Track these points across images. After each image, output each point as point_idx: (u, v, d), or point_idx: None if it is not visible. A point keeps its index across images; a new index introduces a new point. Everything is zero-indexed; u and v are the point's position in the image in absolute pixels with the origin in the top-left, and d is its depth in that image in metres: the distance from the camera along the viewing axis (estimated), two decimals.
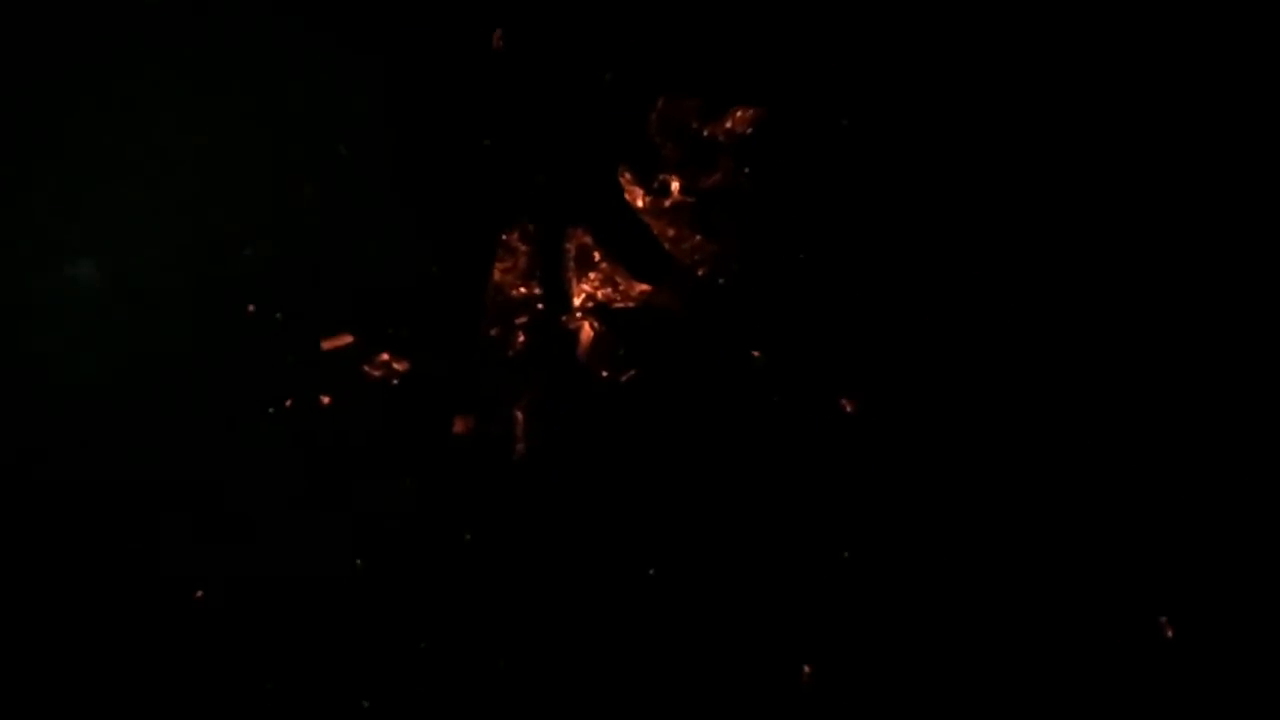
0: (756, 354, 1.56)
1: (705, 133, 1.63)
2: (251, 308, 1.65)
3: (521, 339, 1.60)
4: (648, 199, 1.61)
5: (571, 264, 1.60)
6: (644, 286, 1.59)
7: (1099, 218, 1.56)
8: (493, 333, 1.61)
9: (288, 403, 1.59)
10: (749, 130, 1.64)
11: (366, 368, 1.62)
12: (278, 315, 1.65)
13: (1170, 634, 1.37)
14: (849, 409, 1.52)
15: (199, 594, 1.49)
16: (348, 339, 1.63)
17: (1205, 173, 1.53)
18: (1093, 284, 1.54)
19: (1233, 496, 1.43)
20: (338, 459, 1.55)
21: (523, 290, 1.63)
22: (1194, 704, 1.35)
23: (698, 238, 1.62)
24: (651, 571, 1.47)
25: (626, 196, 1.61)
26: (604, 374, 1.57)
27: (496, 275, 1.62)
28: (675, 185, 1.61)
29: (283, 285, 1.66)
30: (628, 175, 1.62)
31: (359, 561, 1.50)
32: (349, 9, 1.66)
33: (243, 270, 1.66)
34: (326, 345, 1.63)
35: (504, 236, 1.63)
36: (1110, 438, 1.48)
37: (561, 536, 1.50)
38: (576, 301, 1.60)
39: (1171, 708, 1.35)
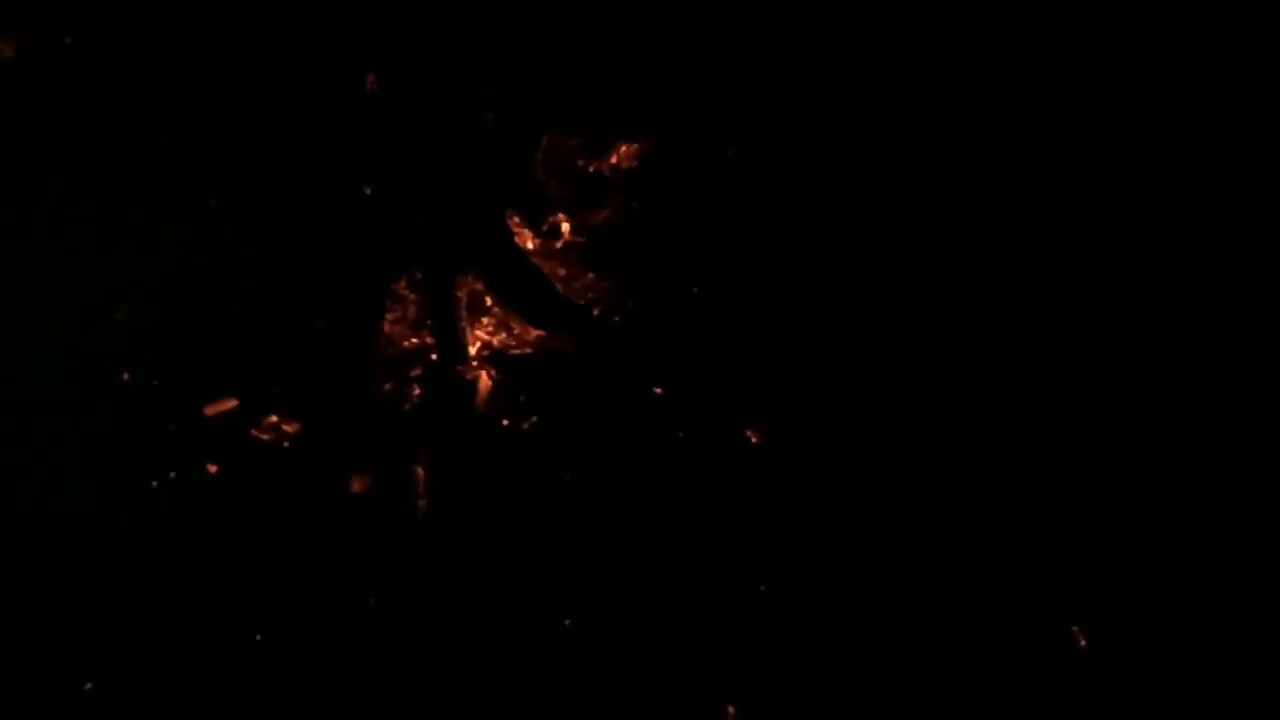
0: (659, 390, 1.54)
1: (591, 169, 1.61)
2: (126, 376, 1.56)
3: (417, 392, 1.55)
4: (538, 241, 1.58)
5: (464, 311, 1.55)
6: (539, 331, 1.56)
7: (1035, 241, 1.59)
8: (386, 387, 1.55)
9: (171, 475, 1.51)
10: (635, 164, 1.62)
11: (254, 432, 1.54)
12: (155, 382, 1.56)
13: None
14: (755, 440, 1.52)
15: (88, 685, 1.40)
16: (232, 403, 1.55)
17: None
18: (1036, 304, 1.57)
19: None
20: (228, 532, 1.48)
21: (414, 341, 1.58)
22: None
23: (590, 276, 1.59)
24: (567, 622, 1.44)
25: (517, 239, 1.58)
26: (505, 423, 1.53)
27: (386, 326, 1.57)
28: (565, 225, 1.59)
29: (158, 349, 1.57)
30: (516, 218, 1.58)
31: (259, 637, 1.43)
32: (223, 53, 1.59)
33: (113, 336, 1.57)
34: (210, 411, 1.55)
35: (391, 286, 1.58)
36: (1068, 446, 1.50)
37: (471, 593, 1.46)
38: (472, 350, 1.56)
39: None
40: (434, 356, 1.56)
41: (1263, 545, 1.43)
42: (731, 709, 1.39)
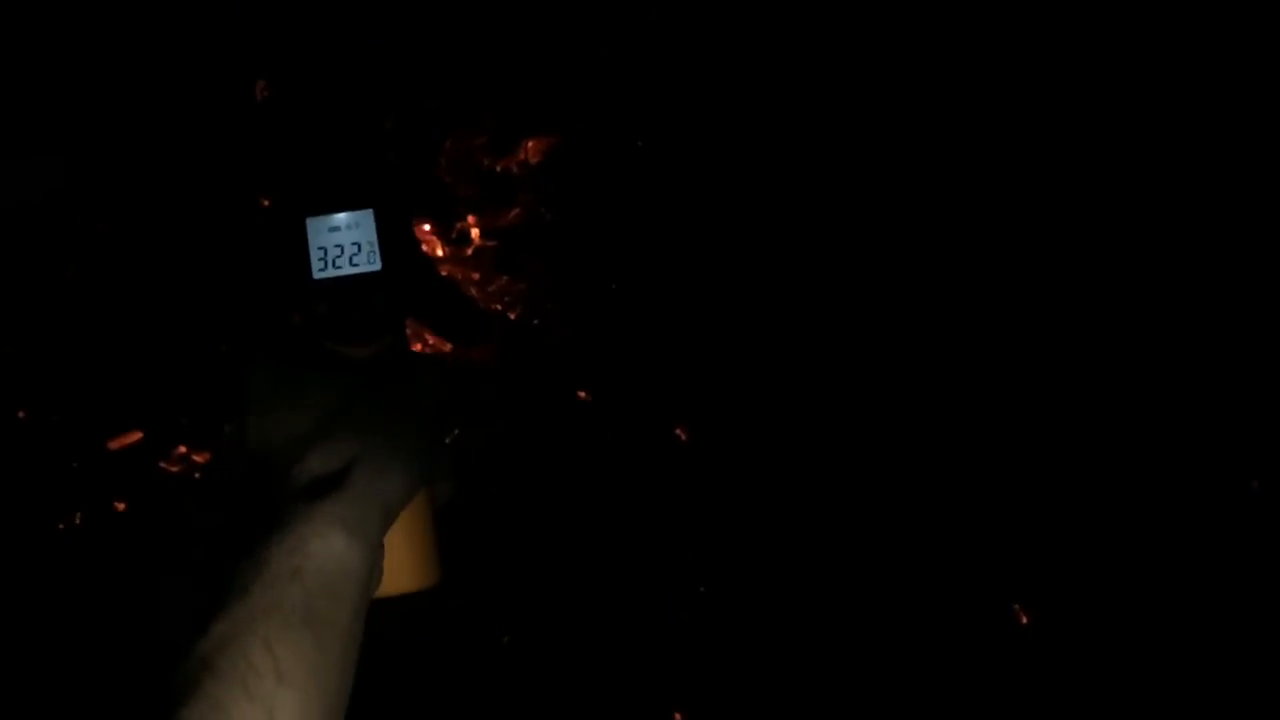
0: (582, 394, 1.51)
1: (498, 168, 1.56)
2: (22, 414, 1.48)
3: None
4: (448, 248, 1.53)
5: None
6: (455, 341, 1.51)
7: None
8: None
9: (76, 519, 1.44)
10: (543, 159, 1.57)
11: (163, 464, 1.48)
12: (54, 418, 1.48)
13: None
14: (684, 438, 1.50)
15: None
16: (136, 435, 1.48)
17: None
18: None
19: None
20: (141, 572, 1.42)
21: None
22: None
23: (504, 279, 1.55)
24: (505, 640, 1.41)
25: (425, 248, 1.52)
26: None
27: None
28: (475, 230, 1.54)
29: (53, 383, 1.49)
30: (425, 226, 1.53)
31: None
32: (104, 60, 1.50)
33: (2, 371, 1.49)
34: (114, 445, 1.48)
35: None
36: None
37: (406, 619, 1.42)
38: None
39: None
40: None
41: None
42: (678, 715, 1.38)
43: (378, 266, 0.63)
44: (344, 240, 0.63)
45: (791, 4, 1.58)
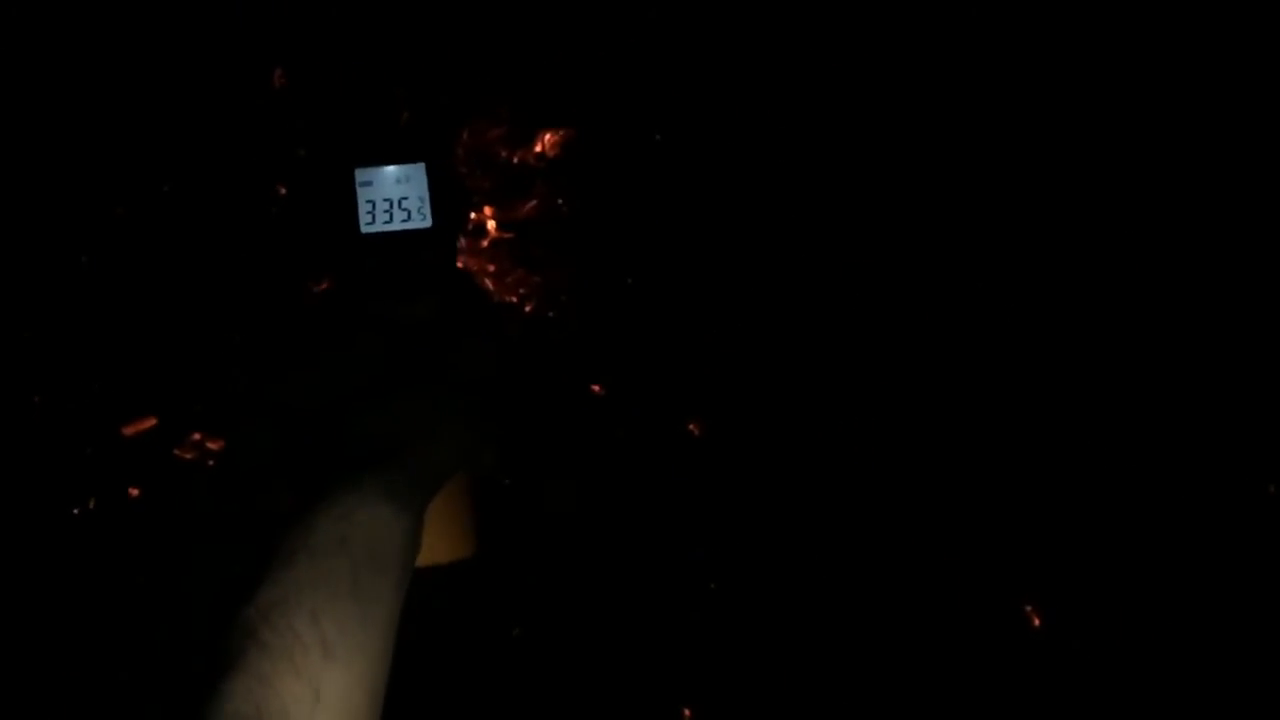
0: (597, 388, 1.50)
1: (516, 160, 1.56)
2: (37, 399, 1.48)
3: None
4: (465, 239, 1.53)
5: None
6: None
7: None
8: None
9: (91, 504, 1.44)
10: (560, 152, 1.57)
11: (177, 451, 1.48)
12: (69, 405, 1.49)
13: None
14: (697, 433, 1.49)
15: None
16: (151, 421, 1.49)
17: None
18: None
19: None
20: (156, 558, 1.42)
21: None
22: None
23: (520, 271, 1.54)
24: (517, 631, 1.41)
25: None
26: None
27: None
28: (492, 222, 1.53)
29: (67, 368, 1.50)
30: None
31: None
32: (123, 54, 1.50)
33: (18, 356, 1.49)
34: (128, 432, 1.48)
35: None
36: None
37: (414, 603, 1.42)
38: None
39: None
40: None
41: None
42: (687, 712, 1.38)
43: (428, 223, 0.61)
44: (394, 194, 0.61)
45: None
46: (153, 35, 1.52)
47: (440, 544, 0.62)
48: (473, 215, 1.54)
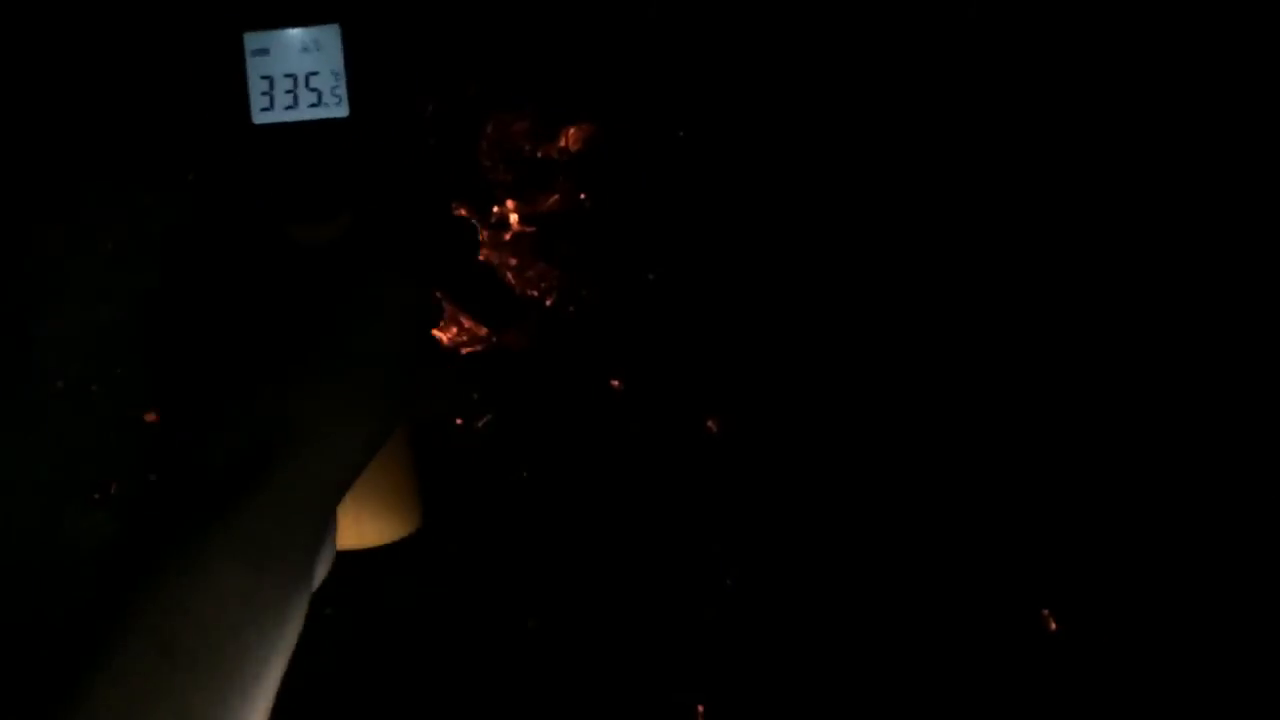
0: (616, 383, 1.51)
1: (539, 154, 1.56)
2: (60, 384, 1.50)
3: None
4: (486, 232, 1.53)
5: None
6: (491, 326, 1.51)
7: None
8: None
9: (112, 488, 1.45)
10: (583, 147, 1.57)
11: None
12: (93, 388, 1.50)
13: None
14: (715, 430, 1.49)
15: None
16: None
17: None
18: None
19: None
20: None
21: None
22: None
23: (542, 265, 1.55)
24: (531, 624, 1.41)
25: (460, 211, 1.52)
26: (458, 421, 1.49)
27: None
28: (514, 215, 1.54)
29: (95, 352, 1.51)
30: (462, 210, 1.53)
31: None
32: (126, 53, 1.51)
33: (47, 343, 1.51)
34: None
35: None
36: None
37: (426, 594, 1.43)
38: None
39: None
40: None
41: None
42: (700, 709, 1.38)
43: (344, 110, 0.45)
44: (298, 69, 0.45)
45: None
46: None
47: (376, 522, 0.52)
48: (495, 209, 1.54)
